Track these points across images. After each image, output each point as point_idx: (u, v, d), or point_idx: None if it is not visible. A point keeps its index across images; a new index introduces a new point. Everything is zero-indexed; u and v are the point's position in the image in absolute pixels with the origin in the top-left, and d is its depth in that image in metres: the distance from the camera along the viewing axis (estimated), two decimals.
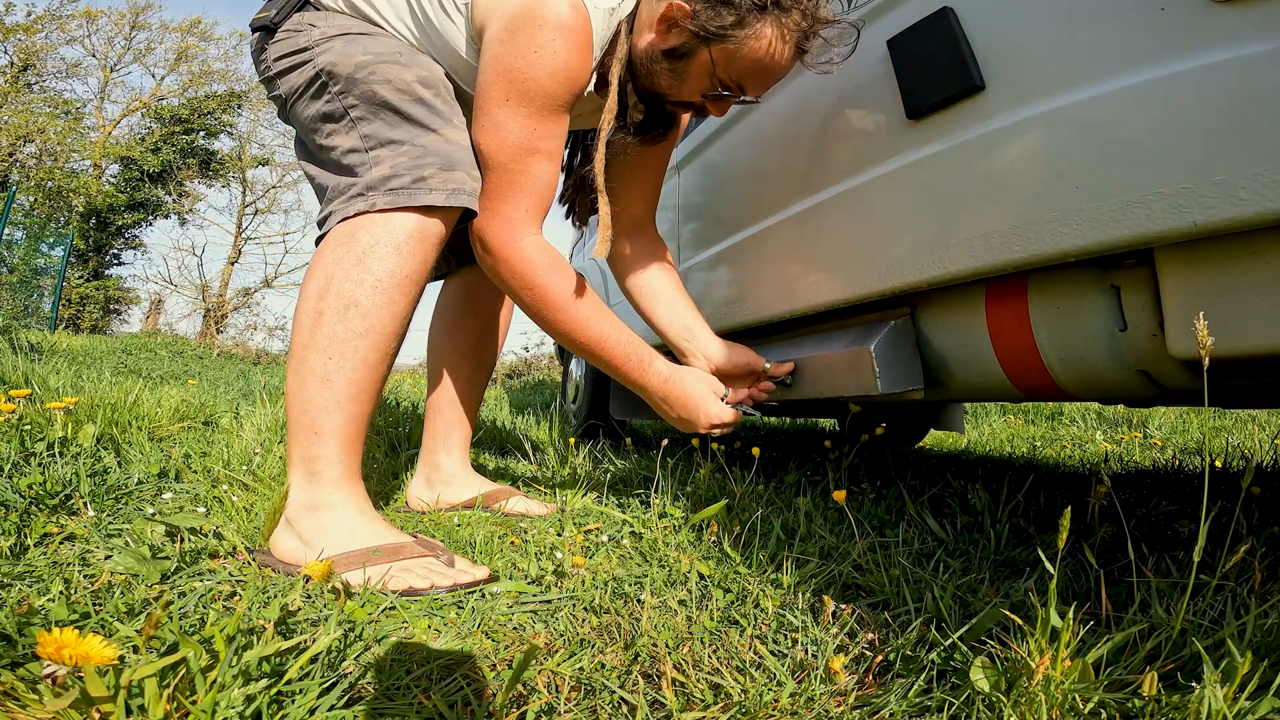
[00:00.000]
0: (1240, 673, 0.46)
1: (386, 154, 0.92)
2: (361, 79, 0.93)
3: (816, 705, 0.54)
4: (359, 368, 0.88)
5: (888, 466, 1.69)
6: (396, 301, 0.89)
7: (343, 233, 0.90)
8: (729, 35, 0.91)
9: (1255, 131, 0.56)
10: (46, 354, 4.58)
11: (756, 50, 0.92)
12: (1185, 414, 3.65)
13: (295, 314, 0.91)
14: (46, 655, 0.40)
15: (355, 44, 0.96)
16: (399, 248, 0.89)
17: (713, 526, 1.00)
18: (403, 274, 0.89)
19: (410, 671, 0.57)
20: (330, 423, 0.87)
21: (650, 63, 0.98)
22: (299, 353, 0.88)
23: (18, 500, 0.97)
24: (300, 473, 0.88)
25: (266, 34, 1.00)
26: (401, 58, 0.96)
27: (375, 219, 0.89)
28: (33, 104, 15.01)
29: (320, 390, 0.87)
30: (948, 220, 0.85)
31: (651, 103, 1.04)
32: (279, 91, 1.00)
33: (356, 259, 0.88)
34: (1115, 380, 0.79)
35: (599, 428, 2.39)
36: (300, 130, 1.02)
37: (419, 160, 0.91)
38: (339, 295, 0.87)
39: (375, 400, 0.92)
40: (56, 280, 10.57)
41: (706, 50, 0.93)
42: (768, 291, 1.26)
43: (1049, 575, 0.79)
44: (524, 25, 0.89)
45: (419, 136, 0.93)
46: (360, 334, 0.87)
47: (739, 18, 0.89)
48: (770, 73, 0.97)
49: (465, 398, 1.32)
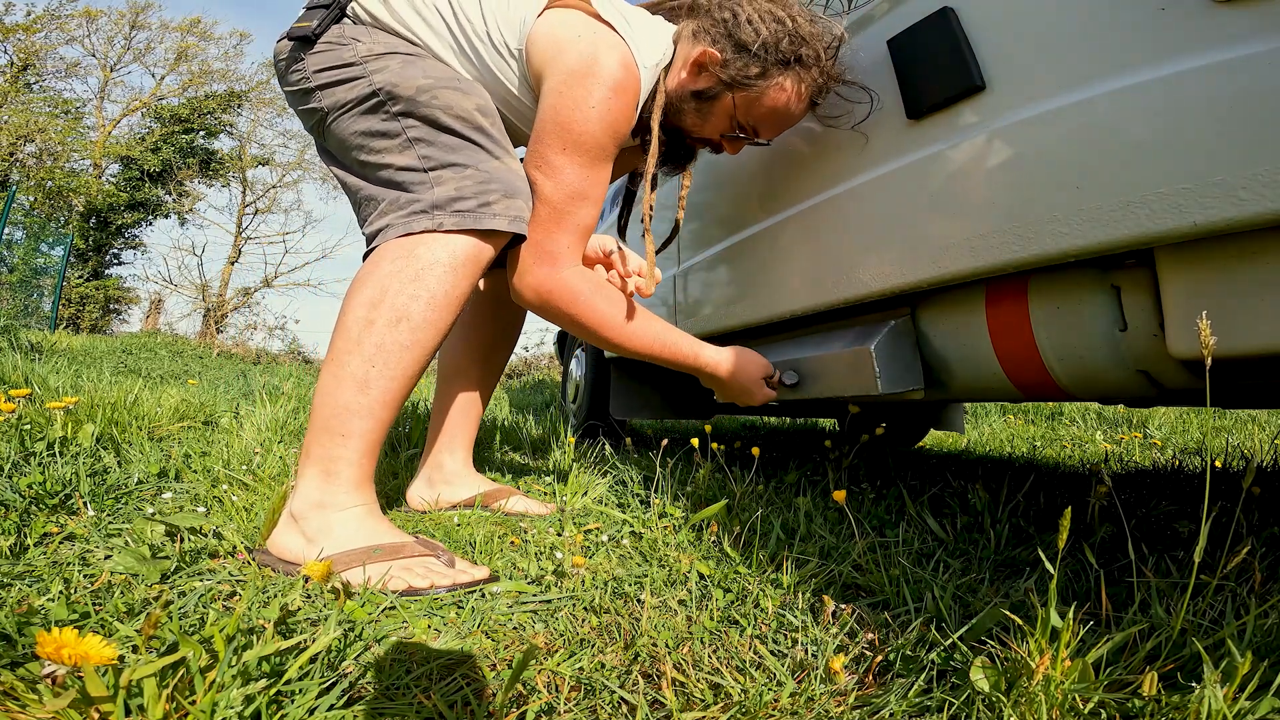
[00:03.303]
0: (1240, 673, 0.46)
1: (449, 175, 0.94)
2: (424, 101, 0.95)
3: (816, 705, 0.54)
4: (398, 378, 0.90)
5: (888, 466, 1.69)
6: (445, 319, 0.93)
7: (403, 247, 0.92)
8: (753, 84, 1.00)
9: (1255, 131, 0.56)
10: (46, 354, 4.58)
11: (776, 100, 1.02)
12: (1185, 414, 3.65)
13: (341, 318, 0.92)
14: (46, 655, 0.40)
15: (414, 66, 0.97)
16: (455, 268, 0.92)
17: (713, 526, 1.00)
18: (456, 294, 0.93)
19: (410, 671, 0.57)
20: (359, 427, 0.89)
21: (679, 101, 1.07)
22: (341, 356, 0.90)
23: (17, 500, 0.97)
24: (316, 471, 0.89)
25: (303, 45, 1.00)
26: (460, 84, 0.98)
27: (437, 237, 0.92)
28: (33, 104, 14.99)
29: (357, 395, 0.88)
30: (948, 220, 0.85)
31: (673, 136, 1.12)
32: (319, 104, 0.99)
33: (414, 274, 0.90)
34: (1115, 380, 0.79)
35: (599, 427, 2.39)
36: (336, 143, 1.01)
37: (484, 185, 0.94)
38: (392, 307, 0.89)
39: (399, 409, 0.94)
40: (56, 280, 10.57)
41: (731, 95, 1.02)
42: (768, 291, 1.26)
43: (1049, 575, 0.79)
44: (581, 81, 0.95)
45: (483, 162, 0.96)
46: (406, 346, 0.90)
47: (763, 70, 0.99)
48: (785, 121, 1.06)
49: (472, 401, 1.33)
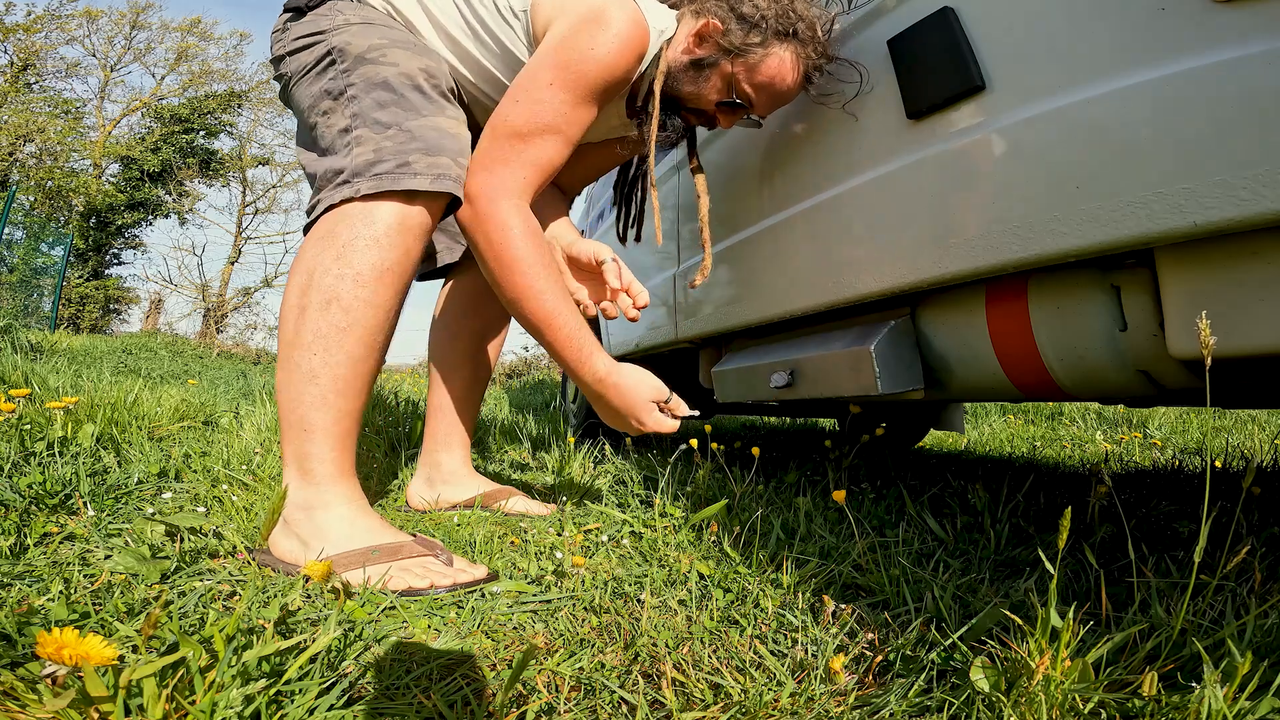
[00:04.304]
0: (1240, 673, 0.46)
1: (370, 135, 0.92)
2: (372, 59, 0.94)
3: (816, 705, 0.54)
4: (344, 363, 0.88)
5: (888, 466, 1.69)
6: (379, 294, 0.89)
7: (324, 227, 0.90)
8: (752, 51, 1.02)
9: (1255, 131, 0.56)
10: (46, 353, 4.58)
11: (771, 69, 1.03)
12: (1185, 414, 3.65)
13: (280, 311, 0.91)
14: (46, 655, 0.40)
15: (374, 30, 0.97)
16: (379, 240, 0.89)
17: (713, 526, 1.00)
18: (384, 266, 0.89)
19: (410, 671, 0.57)
20: (319, 419, 0.87)
21: (678, 69, 1.07)
22: (285, 350, 0.89)
23: (17, 500, 0.97)
24: (294, 471, 0.88)
25: (295, 16, 1.01)
26: (415, 48, 0.97)
27: (355, 212, 0.90)
28: (33, 103, 14.98)
29: (307, 386, 0.87)
30: (948, 220, 0.85)
31: (668, 106, 1.11)
32: (286, 70, 1.01)
33: (337, 253, 0.88)
34: (1115, 380, 0.79)
35: (599, 427, 2.38)
36: (298, 112, 1.02)
37: (405, 145, 0.91)
38: (320, 290, 0.87)
39: (365, 396, 0.92)
40: (56, 280, 10.56)
41: (730, 63, 1.04)
42: (768, 291, 1.25)
43: (1049, 575, 0.79)
44: (589, 26, 0.95)
45: (409, 120, 0.93)
46: (344, 329, 0.87)
47: (763, 39, 1.02)
48: (779, 93, 1.06)
49: (466, 398, 1.33)
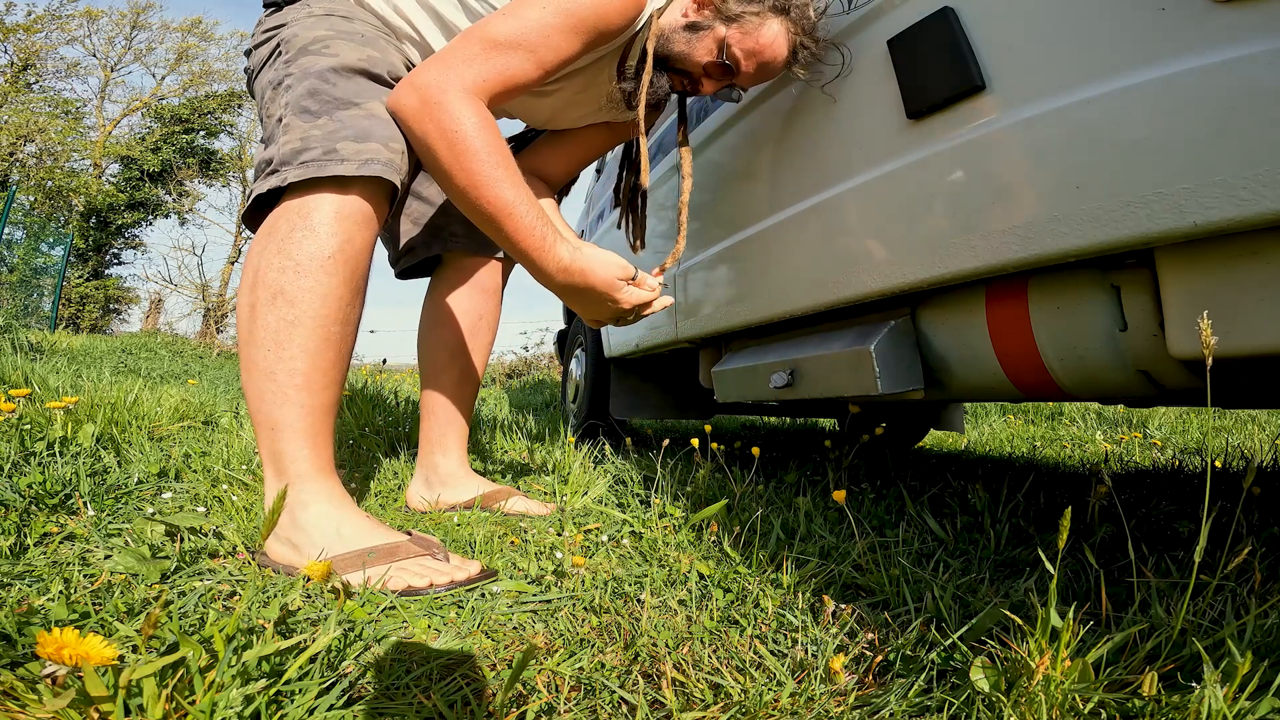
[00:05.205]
0: (1240, 673, 0.46)
1: (298, 123, 0.90)
2: (314, 51, 0.94)
3: (816, 705, 0.54)
4: (299, 356, 0.87)
5: (888, 466, 1.69)
6: (324, 284, 0.88)
7: (268, 223, 0.90)
8: (746, 18, 1.05)
9: (1255, 131, 0.56)
10: (46, 353, 4.58)
11: (765, 38, 1.06)
12: (1185, 414, 3.65)
13: (236, 313, 0.92)
14: (46, 655, 0.40)
15: (325, 21, 0.97)
16: (314, 230, 0.88)
17: (713, 526, 1.00)
18: (324, 254, 0.88)
19: (410, 671, 0.57)
20: (284, 417, 0.87)
21: (671, 31, 1.09)
22: (243, 350, 0.89)
23: (17, 500, 0.97)
24: (271, 472, 0.88)
25: (272, 10, 1.02)
26: (362, 39, 0.97)
27: (293, 206, 0.89)
28: (33, 104, 14.99)
29: (266, 384, 0.86)
30: (948, 220, 0.85)
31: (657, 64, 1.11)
32: (250, 64, 1.02)
33: (278, 247, 0.87)
34: (1115, 380, 0.79)
35: (599, 427, 2.39)
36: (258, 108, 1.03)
37: (333, 133, 0.90)
38: (265, 286, 0.87)
39: (332, 390, 0.90)
40: (56, 280, 10.56)
41: (724, 26, 1.06)
42: (768, 291, 1.25)
43: (1049, 575, 0.79)
44: None
45: (338, 110, 0.92)
46: (292, 323, 0.86)
47: (759, 10, 1.05)
48: (765, 62, 1.07)
49: (457, 398, 1.33)
